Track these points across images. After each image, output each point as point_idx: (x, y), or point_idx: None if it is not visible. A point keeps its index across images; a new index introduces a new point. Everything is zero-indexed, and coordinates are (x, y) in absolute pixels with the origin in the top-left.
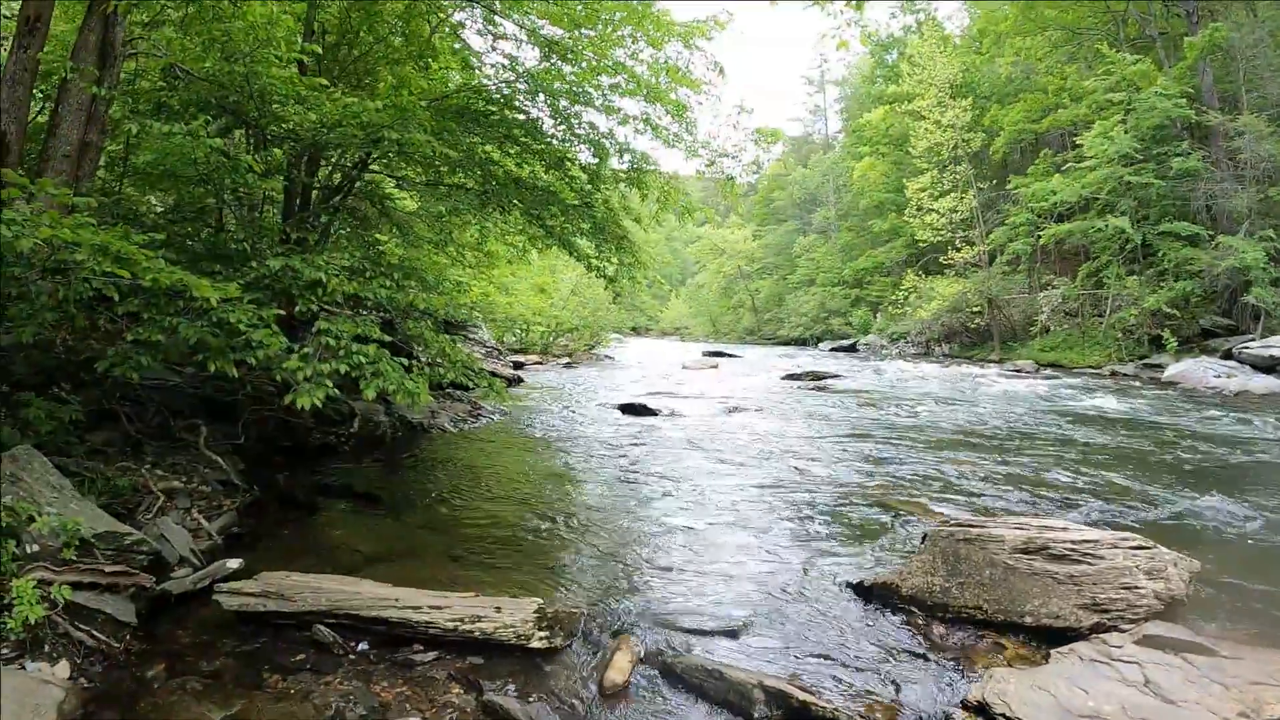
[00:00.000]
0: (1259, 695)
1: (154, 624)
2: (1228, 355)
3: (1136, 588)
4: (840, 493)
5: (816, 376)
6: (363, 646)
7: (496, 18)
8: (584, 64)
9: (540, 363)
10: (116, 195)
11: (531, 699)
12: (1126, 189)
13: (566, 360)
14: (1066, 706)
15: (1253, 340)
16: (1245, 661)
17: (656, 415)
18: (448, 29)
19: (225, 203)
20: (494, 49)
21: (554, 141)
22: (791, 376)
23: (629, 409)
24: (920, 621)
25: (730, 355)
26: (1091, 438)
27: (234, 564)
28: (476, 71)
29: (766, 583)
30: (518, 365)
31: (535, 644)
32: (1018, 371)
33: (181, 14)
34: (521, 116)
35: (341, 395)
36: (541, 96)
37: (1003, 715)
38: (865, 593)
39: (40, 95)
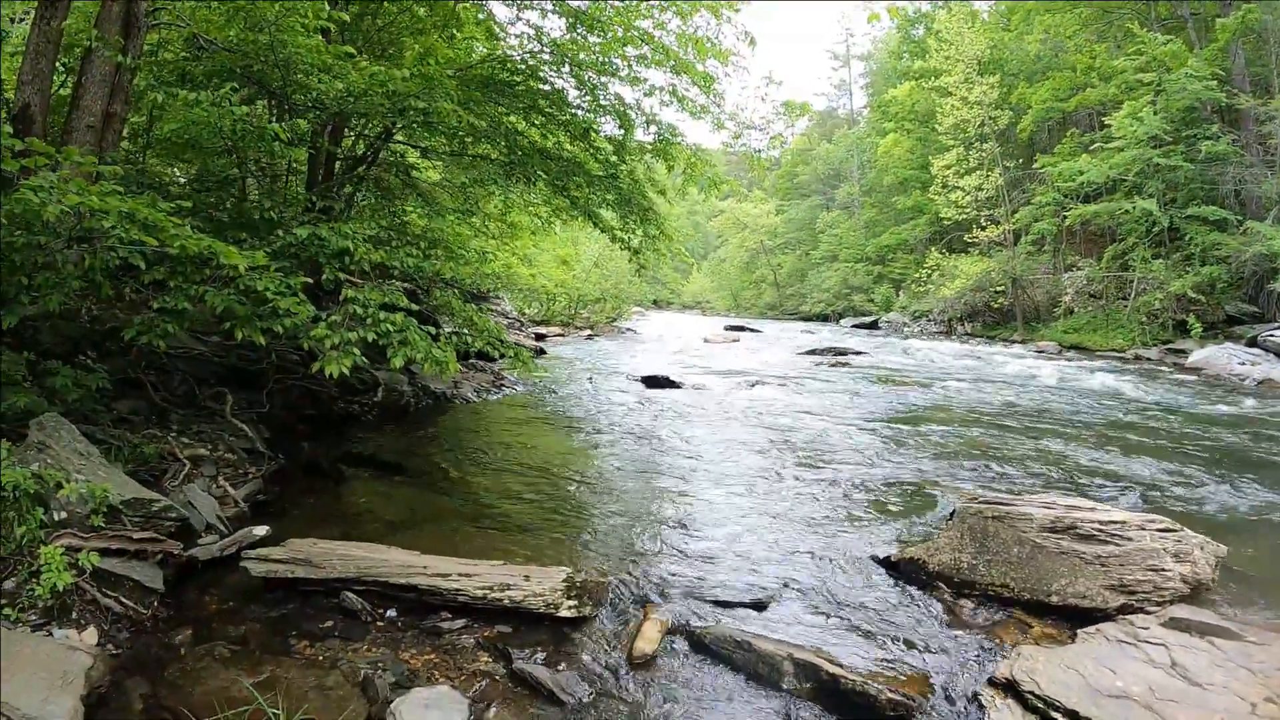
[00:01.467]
0: None
1: (181, 590)
2: (1253, 343)
3: (1163, 570)
4: (864, 468)
5: (838, 353)
6: (391, 613)
7: None
8: (610, 35)
9: (562, 334)
10: (140, 166)
11: (560, 668)
12: (1155, 171)
13: (588, 332)
14: (1095, 686)
15: (1278, 328)
16: (1272, 648)
17: (679, 388)
18: None
19: (250, 172)
20: (519, 18)
21: (579, 112)
22: (813, 352)
23: (652, 381)
24: (947, 597)
25: (752, 330)
26: (1115, 420)
27: (261, 531)
28: (501, 42)
29: (793, 555)
30: (539, 337)
31: (564, 613)
32: (1040, 352)
33: None
34: (546, 87)
35: (366, 364)
36: (567, 67)
37: (1032, 693)
38: (893, 568)
39: (62, 69)
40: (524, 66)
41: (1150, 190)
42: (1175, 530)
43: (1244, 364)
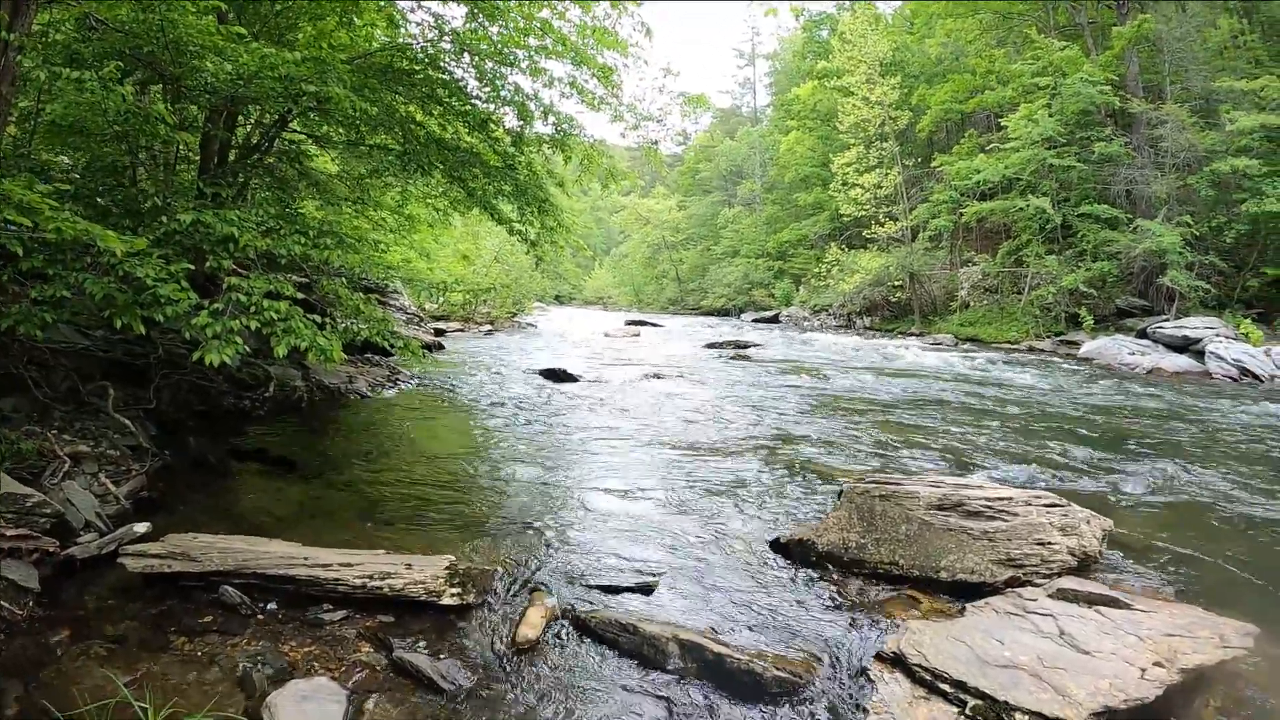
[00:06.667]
0: (1174, 645)
1: (59, 590)
2: (1142, 334)
3: (1050, 543)
4: (758, 455)
5: (738, 345)
6: (271, 607)
7: None
8: (510, 24)
9: (462, 329)
10: (25, 151)
11: (442, 656)
12: (1049, 171)
13: (489, 327)
14: (983, 657)
15: (1167, 321)
16: (1159, 615)
17: (577, 381)
18: None
19: (139, 160)
20: (420, 5)
21: (478, 103)
22: (713, 345)
23: (550, 374)
24: (836, 577)
25: (653, 324)
26: (1008, 407)
27: (141, 528)
28: (401, 30)
29: (683, 541)
30: (439, 332)
31: (447, 600)
32: (937, 344)
33: None
34: (446, 77)
35: (256, 360)
36: (467, 57)
37: (919, 665)
38: (782, 549)
39: None
40: (424, 56)
41: (1044, 189)
42: (1061, 505)
43: (1134, 354)
